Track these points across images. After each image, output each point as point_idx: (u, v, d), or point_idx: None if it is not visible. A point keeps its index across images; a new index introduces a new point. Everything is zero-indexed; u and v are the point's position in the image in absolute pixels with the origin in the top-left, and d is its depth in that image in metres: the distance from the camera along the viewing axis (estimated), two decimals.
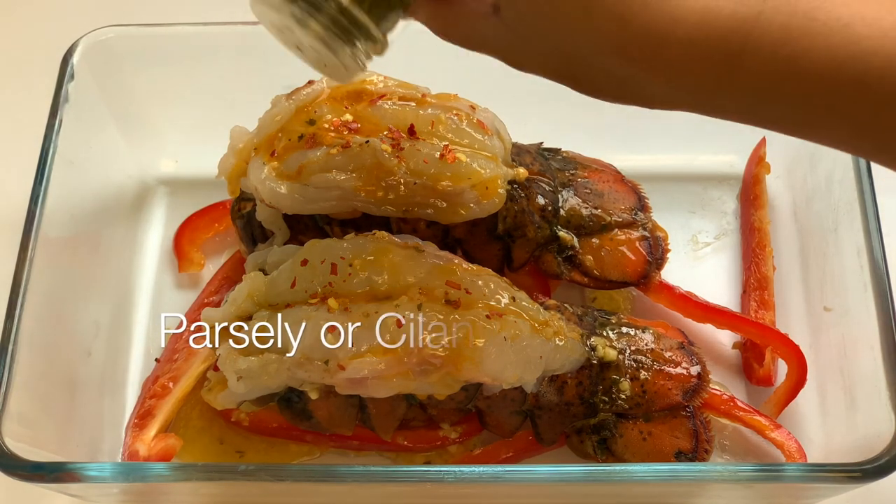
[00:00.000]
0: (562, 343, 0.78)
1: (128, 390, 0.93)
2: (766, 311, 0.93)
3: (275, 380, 0.76)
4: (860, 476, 0.72)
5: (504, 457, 0.87)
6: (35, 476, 0.74)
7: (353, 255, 0.75)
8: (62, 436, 0.84)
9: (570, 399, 0.82)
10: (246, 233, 0.90)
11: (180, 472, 0.75)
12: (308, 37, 0.61)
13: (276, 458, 0.88)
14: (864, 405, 0.80)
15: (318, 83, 0.84)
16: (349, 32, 0.60)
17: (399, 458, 0.88)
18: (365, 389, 0.76)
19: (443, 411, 0.84)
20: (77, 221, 0.91)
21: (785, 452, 0.85)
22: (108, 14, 1.11)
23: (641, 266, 0.90)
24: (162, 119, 1.02)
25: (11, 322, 0.78)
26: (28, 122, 0.95)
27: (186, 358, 0.90)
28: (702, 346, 0.89)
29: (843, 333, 0.86)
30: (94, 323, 0.92)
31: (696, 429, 0.83)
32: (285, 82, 0.85)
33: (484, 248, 0.88)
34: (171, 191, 1.05)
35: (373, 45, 0.62)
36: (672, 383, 0.83)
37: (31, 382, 0.79)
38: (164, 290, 0.99)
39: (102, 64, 0.94)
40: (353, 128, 0.82)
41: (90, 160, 0.94)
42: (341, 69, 0.63)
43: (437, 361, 0.73)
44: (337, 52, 0.61)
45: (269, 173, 0.82)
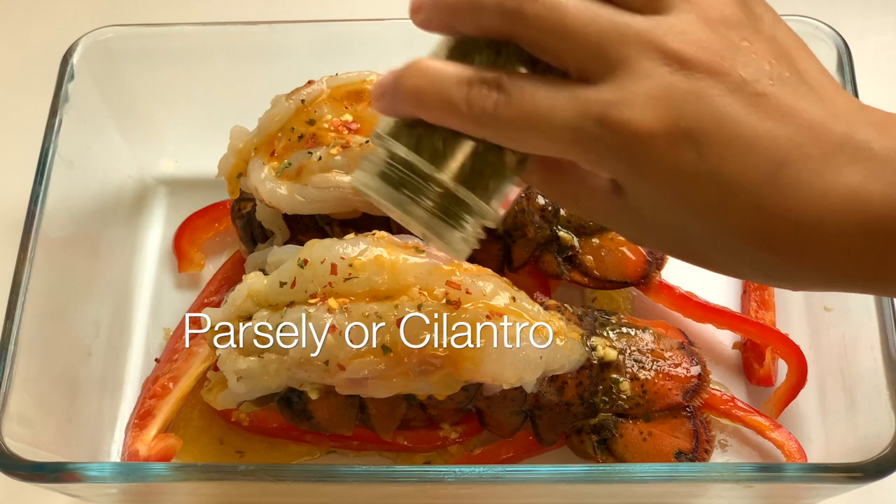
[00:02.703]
0: (562, 343, 0.78)
1: (128, 390, 0.93)
2: (766, 311, 0.93)
3: (275, 380, 0.76)
4: (860, 476, 0.72)
5: (504, 457, 0.87)
6: (35, 476, 0.74)
7: (353, 255, 0.75)
8: (62, 436, 0.83)
9: (570, 399, 0.82)
10: (246, 233, 0.90)
11: (180, 472, 0.75)
12: (415, 222, 0.57)
13: (276, 458, 0.88)
14: (864, 405, 0.80)
15: (318, 83, 0.84)
16: (457, 213, 0.56)
17: (399, 458, 0.88)
18: (365, 389, 0.76)
19: (443, 411, 0.84)
20: (77, 221, 0.91)
21: (785, 452, 0.85)
22: (108, 14, 1.11)
23: (641, 266, 0.90)
24: (162, 119, 1.02)
25: (11, 322, 0.78)
26: (28, 122, 0.95)
27: (186, 358, 0.90)
28: (702, 346, 0.89)
29: (843, 333, 0.86)
30: (94, 323, 0.92)
31: (696, 429, 0.83)
32: (285, 82, 0.85)
33: (484, 248, 0.88)
34: (171, 191, 1.05)
35: (483, 220, 0.57)
36: (672, 383, 0.83)
37: (31, 382, 0.79)
38: (164, 290, 0.99)
39: (102, 64, 0.94)
40: (353, 128, 0.82)
41: (90, 160, 0.94)
42: (452, 248, 0.58)
43: (437, 361, 0.73)
44: (444, 237, 0.57)
45: (269, 173, 0.82)
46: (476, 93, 0.51)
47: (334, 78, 0.84)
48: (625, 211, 0.54)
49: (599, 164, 0.51)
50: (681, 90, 0.49)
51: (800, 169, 0.49)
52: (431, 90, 0.52)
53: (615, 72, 0.50)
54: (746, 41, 0.51)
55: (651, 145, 0.49)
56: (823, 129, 0.49)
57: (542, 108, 0.50)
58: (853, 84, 0.86)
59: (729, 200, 0.49)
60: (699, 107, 0.49)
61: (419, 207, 0.55)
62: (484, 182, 0.55)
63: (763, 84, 0.49)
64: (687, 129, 0.49)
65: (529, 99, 0.51)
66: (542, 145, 0.52)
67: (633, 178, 0.51)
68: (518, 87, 0.51)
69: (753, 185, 0.49)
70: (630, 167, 0.50)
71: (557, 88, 0.51)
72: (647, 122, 0.49)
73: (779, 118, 0.49)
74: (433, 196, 0.55)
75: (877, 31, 1.15)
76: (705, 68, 0.49)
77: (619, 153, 0.50)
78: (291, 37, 0.96)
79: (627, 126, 0.49)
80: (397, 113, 0.55)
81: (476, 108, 0.51)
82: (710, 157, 0.49)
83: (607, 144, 0.50)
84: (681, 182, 0.50)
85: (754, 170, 0.49)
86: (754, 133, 0.49)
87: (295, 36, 0.96)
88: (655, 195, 0.51)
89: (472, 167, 0.55)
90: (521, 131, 0.51)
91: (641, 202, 0.53)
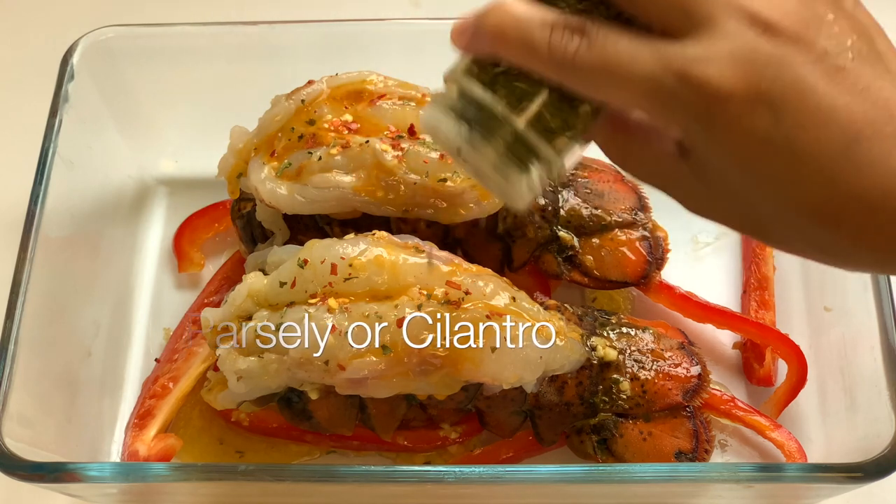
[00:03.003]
0: (562, 343, 0.78)
1: (128, 390, 0.93)
2: (766, 311, 0.93)
3: (275, 380, 0.76)
4: (860, 476, 0.72)
5: (504, 457, 0.87)
6: (35, 476, 0.74)
7: (353, 255, 0.75)
8: (62, 436, 0.83)
9: (570, 399, 0.82)
10: (246, 233, 0.90)
11: (180, 472, 0.75)
12: (481, 161, 0.56)
13: (276, 458, 0.88)
14: (864, 405, 0.80)
15: (318, 83, 0.84)
16: (525, 159, 0.55)
17: (399, 458, 0.88)
18: (365, 389, 0.76)
19: (443, 411, 0.84)
20: (77, 221, 0.91)
21: (785, 452, 0.85)
22: (108, 14, 1.11)
23: (641, 266, 0.90)
24: (162, 119, 1.02)
25: (11, 322, 0.78)
26: (28, 122, 0.95)
27: (186, 358, 0.90)
28: (702, 346, 0.89)
29: (843, 333, 0.86)
30: (94, 323, 0.92)
31: (696, 429, 0.83)
32: (285, 82, 0.85)
33: (484, 248, 0.88)
34: (171, 191, 1.05)
35: (549, 171, 0.56)
36: (672, 383, 0.83)
37: (31, 382, 0.79)
38: (164, 290, 0.99)
39: (102, 64, 0.94)
40: (353, 128, 0.82)
41: (90, 160, 0.94)
42: (514, 195, 0.57)
43: (437, 361, 0.73)
44: (510, 179, 0.56)
45: (269, 173, 0.82)
46: (558, 35, 0.51)
47: (334, 78, 0.84)
48: (688, 176, 0.54)
49: (674, 119, 0.51)
50: (764, 54, 0.49)
51: (872, 146, 0.49)
52: (514, 28, 0.52)
53: (700, 29, 0.50)
54: (831, 14, 0.51)
55: (729, 105, 0.49)
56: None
57: (624, 58, 0.50)
58: None
59: (799, 170, 0.49)
60: (781, 72, 0.49)
61: (486, 151, 0.55)
62: (555, 132, 0.55)
63: (844, 58, 0.50)
64: (767, 93, 0.49)
65: (612, 47, 0.51)
66: (620, 95, 0.52)
67: (706, 137, 0.51)
68: (601, 34, 0.51)
69: (826, 157, 0.49)
70: (704, 126, 0.50)
71: (640, 40, 0.51)
72: (728, 82, 0.49)
73: (857, 94, 0.49)
74: (503, 140, 0.55)
75: None
76: (790, 35, 0.49)
77: (695, 110, 0.50)
78: (291, 37, 0.96)
79: (707, 84, 0.49)
80: (476, 49, 0.55)
81: (557, 50, 0.51)
82: (787, 124, 0.49)
83: (685, 100, 0.50)
84: (753, 146, 0.49)
85: (828, 142, 0.49)
86: (832, 105, 0.49)
87: (295, 36, 0.96)
88: (725, 158, 0.51)
89: (545, 115, 0.54)
90: (599, 78, 0.51)
91: (708, 166, 0.52)
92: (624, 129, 0.57)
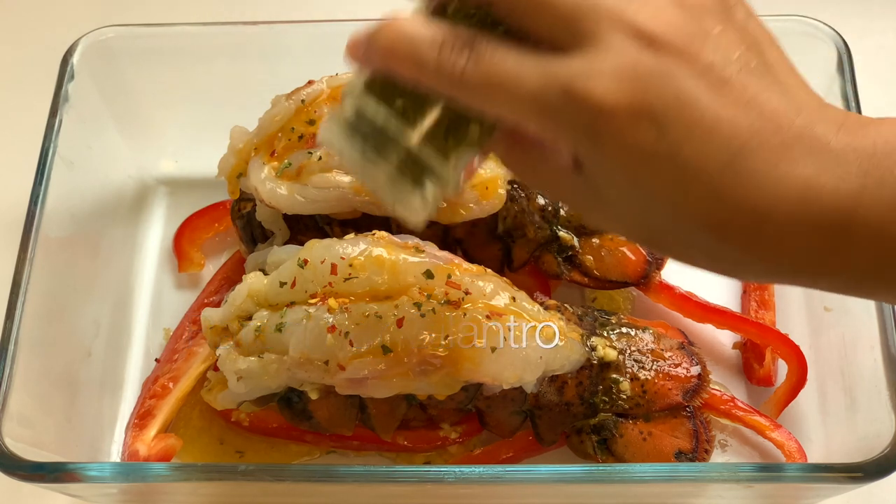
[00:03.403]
0: (562, 343, 0.78)
1: (128, 390, 0.93)
2: (766, 311, 0.93)
3: (275, 380, 0.76)
4: (860, 476, 0.72)
5: (504, 457, 0.87)
6: (35, 476, 0.74)
7: (353, 255, 0.75)
8: (62, 436, 0.83)
9: (571, 399, 0.82)
10: (246, 233, 0.90)
11: (180, 472, 0.75)
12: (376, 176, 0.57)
13: (276, 458, 0.88)
14: (864, 405, 0.80)
15: (318, 83, 0.84)
16: (418, 175, 0.56)
17: (399, 458, 0.88)
18: (365, 389, 0.76)
19: (443, 411, 0.84)
20: (77, 221, 0.91)
21: (785, 452, 0.85)
22: (108, 14, 1.11)
23: (641, 266, 0.90)
24: (162, 119, 1.02)
25: (11, 322, 0.78)
26: (28, 122, 0.95)
27: (186, 358, 0.90)
28: (702, 346, 0.89)
29: (843, 333, 0.86)
30: (94, 323, 0.92)
31: (696, 429, 0.83)
32: (285, 82, 0.85)
33: (484, 248, 0.88)
34: (171, 191, 1.05)
35: (443, 186, 0.57)
36: (672, 383, 0.83)
37: (31, 382, 0.79)
38: (164, 290, 0.99)
39: (102, 64, 0.94)
40: None
41: (90, 160, 0.94)
42: (408, 209, 0.58)
43: (437, 361, 0.73)
44: (404, 194, 0.57)
45: (269, 173, 0.82)
46: (447, 51, 0.52)
47: (334, 78, 0.84)
48: (584, 190, 0.54)
49: (561, 134, 0.51)
50: (647, 67, 0.49)
51: (757, 157, 0.49)
52: (404, 45, 0.53)
53: (585, 44, 0.50)
54: (718, 27, 0.51)
55: (612, 120, 0.49)
56: (784, 120, 0.49)
57: (510, 73, 0.51)
58: (853, 84, 0.86)
59: (685, 183, 0.49)
60: (663, 87, 0.49)
61: (380, 166, 0.56)
62: (448, 148, 0.55)
63: (729, 70, 0.50)
64: (649, 107, 0.49)
65: (499, 63, 0.51)
66: (508, 110, 0.52)
67: (593, 152, 0.51)
68: (489, 50, 0.51)
69: (710, 169, 0.49)
70: (590, 140, 0.50)
71: (527, 56, 0.51)
72: (611, 97, 0.49)
73: (741, 105, 0.49)
74: (396, 156, 0.55)
75: (877, 31, 1.15)
76: (674, 49, 0.49)
77: (581, 126, 0.50)
78: (291, 37, 0.96)
79: (591, 98, 0.49)
80: (369, 64, 0.55)
81: (445, 66, 0.52)
82: (670, 138, 0.49)
83: (570, 116, 0.50)
84: (639, 160, 0.50)
85: (712, 154, 0.49)
86: (715, 118, 0.49)
87: (295, 36, 0.96)
88: (614, 172, 0.51)
89: (438, 132, 0.55)
90: (487, 94, 0.52)
91: (600, 180, 0.53)
92: (520, 144, 0.57)
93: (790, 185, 0.49)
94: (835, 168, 0.49)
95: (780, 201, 0.49)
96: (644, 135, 0.49)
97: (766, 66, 0.51)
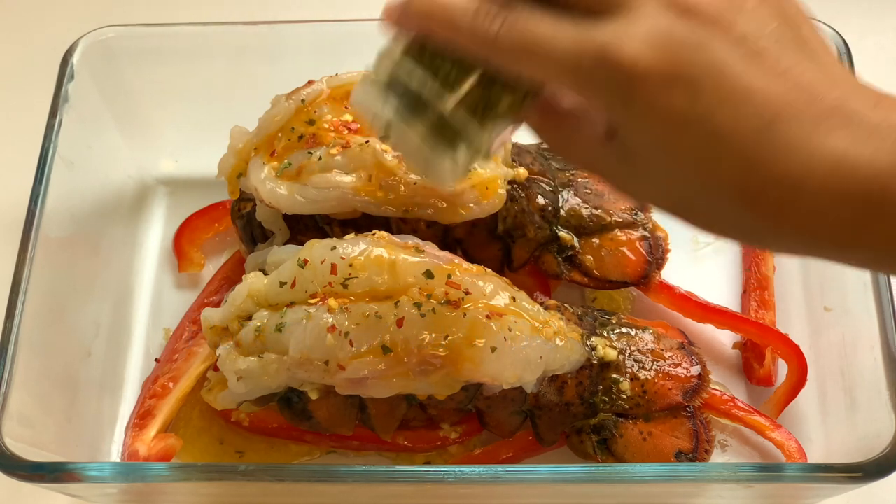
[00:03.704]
0: (562, 343, 0.78)
1: (128, 390, 0.93)
2: (766, 311, 0.93)
3: (275, 380, 0.76)
4: (860, 476, 0.72)
5: (504, 457, 0.87)
6: (35, 476, 0.74)
7: (353, 255, 0.75)
8: (62, 436, 0.83)
9: (570, 399, 0.82)
10: (246, 233, 0.90)
11: (180, 472, 0.75)
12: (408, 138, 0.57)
13: (276, 458, 0.88)
14: (864, 405, 0.80)
15: (318, 83, 0.84)
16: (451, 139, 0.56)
17: (399, 458, 0.88)
18: (365, 389, 0.76)
19: (443, 411, 0.84)
20: (77, 221, 0.91)
21: (785, 452, 0.85)
22: (108, 14, 1.11)
23: (641, 266, 0.90)
24: (162, 119, 1.02)
25: (11, 322, 0.78)
26: (28, 122, 0.95)
27: (186, 358, 0.90)
28: (702, 346, 0.89)
29: (843, 333, 0.86)
30: (94, 323, 0.92)
31: (696, 429, 0.83)
32: (285, 82, 0.85)
33: (484, 248, 0.88)
34: (171, 191, 1.05)
35: (475, 151, 0.57)
36: (672, 383, 0.83)
37: (31, 382, 0.79)
38: (164, 290, 0.99)
39: (102, 64, 0.94)
40: (353, 128, 0.82)
41: (90, 160, 0.94)
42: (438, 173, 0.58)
43: (437, 361, 0.73)
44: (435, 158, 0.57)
45: (269, 173, 0.82)
46: (482, 14, 0.52)
47: (334, 78, 0.84)
48: (615, 158, 0.55)
49: (594, 98, 0.52)
50: (681, 35, 0.49)
51: (790, 127, 0.49)
52: (440, 8, 0.53)
53: (619, 10, 0.51)
54: (753, 1, 0.51)
55: (646, 84, 0.49)
56: (818, 92, 0.50)
57: (545, 36, 0.51)
58: None
59: (716, 149, 0.50)
60: (697, 54, 0.49)
61: (414, 128, 0.56)
62: (482, 114, 0.55)
63: (764, 41, 0.50)
64: (683, 72, 0.49)
65: (534, 25, 0.52)
66: (541, 74, 0.53)
67: (626, 116, 0.51)
68: (524, 13, 0.52)
69: (742, 137, 0.49)
70: (623, 104, 0.51)
71: (562, 19, 0.52)
72: (644, 61, 0.49)
73: (775, 76, 0.49)
74: (430, 118, 0.55)
75: (877, 31, 1.15)
76: (708, 18, 0.50)
77: (614, 89, 0.50)
78: (291, 37, 0.96)
79: (624, 62, 0.49)
80: (405, 27, 0.56)
81: (480, 29, 0.52)
82: (703, 104, 0.49)
83: (604, 80, 0.50)
84: (672, 125, 0.50)
85: (745, 122, 0.49)
86: (748, 86, 0.49)
87: (295, 36, 0.96)
88: (645, 138, 0.52)
89: (473, 97, 0.55)
90: (521, 57, 0.52)
91: (632, 146, 0.53)
92: (555, 114, 0.58)
93: (824, 156, 0.48)
94: (870, 141, 0.48)
95: (814, 171, 0.49)
96: (677, 99, 0.49)
97: (801, 40, 0.51)
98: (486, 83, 0.55)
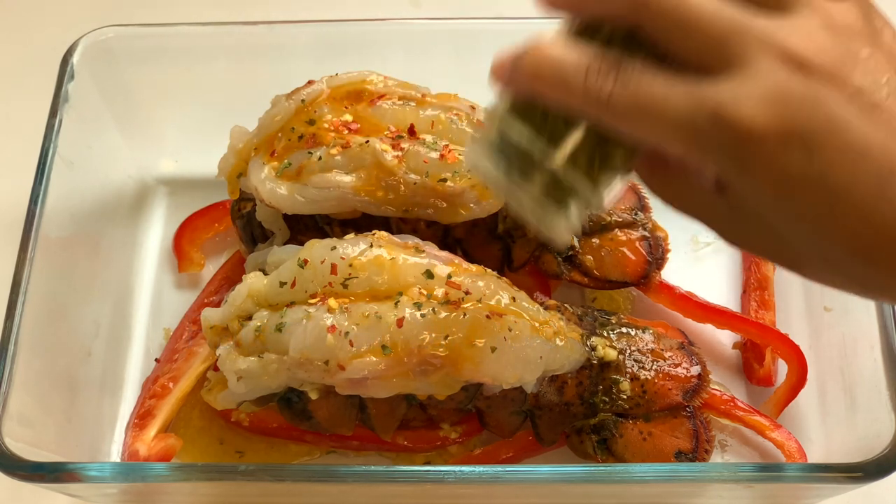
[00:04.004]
0: (562, 343, 0.78)
1: (128, 390, 0.93)
2: (766, 311, 0.93)
3: (275, 380, 0.76)
4: (860, 476, 0.72)
5: (504, 457, 0.87)
6: (35, 476, 0.74)
7: (353, 255, 0.75)
8: (62, 436, 0.83)
9: (570, 399, 0.82)
10: (246, 233, 0.90)
11: (180, 472, 0.75)
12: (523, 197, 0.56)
13: (276, 458, 0.88)
14: (864, 405, 0.80)
15: (318, 83, 0.84)
16: (563, 196, 0.56)
17: (399, 458, 0.88)
18: (365, 389, 0.76)
19: (443, 411, 0.84)
20: (77, 221, 0.91)
21: (785, 452, 0.85)
22: (108, 14, 1.11)
23: (641, 266, 0.90)
24: (162, 119, 1.02)
25: (11, 322, 0.78)
26: (28, 122, 0.95)
27: (186, 358, 0.90)
28: (702, 346, 0.89)
29: (843, 333, 0.86)
30: (94, 323, 0.92)
31: (696, 429, 0.83)
32: (285, 82, 0.85)
33: (484, 248, 0.88)
34: (171, 191, 1.05)
35: (587, 206, 0.57)
36: (672, 383, 0.83)
37: (31, 382, 0.79)
38: (164, 290, 0.99)
39: (102, 64, 0.94)
40: (353, 128, 0.82)
41: (90, 160, 0.94)
42: (554, 230, 0.58)
43: (437, 362, 0.73)
44: (549, 215, 0.57)
45: (269, 173, 0.82)
46: (594, 75, 0.52)
47: (334, 78, 0.84)
48: (727, 211, 0.54)
49: (709, 158, 0.51)
50: (798, 92, 0.49)
51: None
52: (550, 68, 0.52)
53: (734, 68, 0.50)
54: (867, 50, 0.50)
55: (762, 145, 0.49)
56: None
57: (658, 97, 0.50)
58: None
59: (834, 206, 0.49)
60: (814, 111, 0.48)
61: (525, 188, 0.56)
62: (593, 170, 0.55)
63: (880, 94, 0.49)
64: (800, 131, 0.48)
65: (646, 86, 0.51)
66: (654, 134, 0.52)
67: (741, 176, 0.51)
68: (636, 73, 0.51)
69: (860, 192, 0.49)
70: (739, 165, 0.50)
71: (674, 79, 0.51)
72: (760, 122, 0.48)
73: (892, 130, 0.49)
74: (541, 178, 0.55)
75: None
76: (824, 73, 0.49)
77: (729, 150, 0.50)
78: (291, 37, 0.96)
79: (740, 124, 0.49)
80: (514, 87, 0.55)
81: (592, 90, 0.51)
82: (821, 161, 0.49)
83: (718, 140, 0.49)
84: (788, 184, 0.49)
85: (863, 178, 0.49)
86: (866, 142, 0.48)
87: (295, 36, 0.96)
88: (761, 196, 0.51)
89: (583, 154, 0.55)
90: (634, 118, 0.51)
91: (745, 203, 0.52)
92: (664, 165, 0.57)
93: None
94: None
95: None
96: (794, 158, 0.49)
97: None
98: (594, 137, 0.55)
